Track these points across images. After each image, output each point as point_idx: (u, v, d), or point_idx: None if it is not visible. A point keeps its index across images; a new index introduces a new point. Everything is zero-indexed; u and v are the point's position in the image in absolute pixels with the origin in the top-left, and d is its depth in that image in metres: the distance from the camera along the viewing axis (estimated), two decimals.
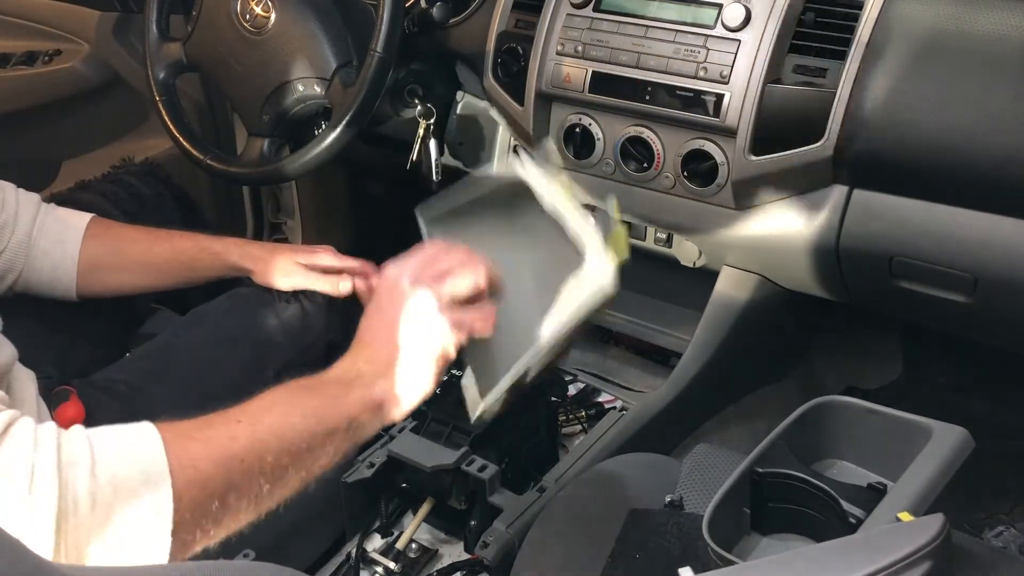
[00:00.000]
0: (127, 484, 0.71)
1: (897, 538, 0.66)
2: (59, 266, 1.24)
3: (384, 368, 0.86)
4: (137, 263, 1.29)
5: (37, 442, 0.70)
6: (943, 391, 1.69)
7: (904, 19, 1.16)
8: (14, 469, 0.68)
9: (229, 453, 0.76)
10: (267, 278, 1.28)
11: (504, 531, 1.10)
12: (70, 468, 0.69)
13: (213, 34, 1.44)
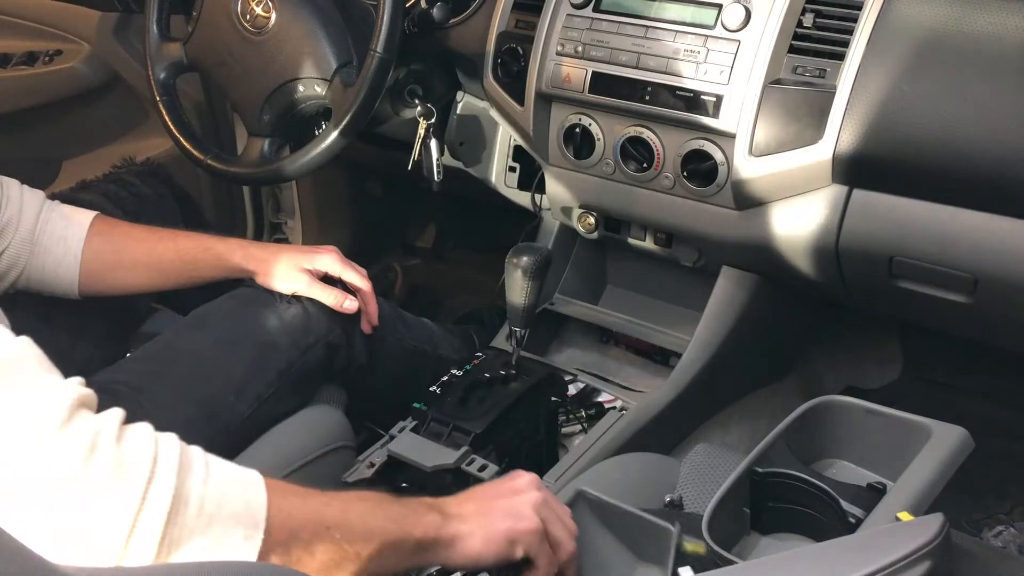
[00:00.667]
0: (230, 505, 0.76)
1: (897, 538, 0.67)
2: (61, 263, 1.24)
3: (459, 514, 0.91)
4: (140, 262, 1.29)
5: (159, 441, 0.76)
6: (943, 391, 1.69)
7: (904, 19, 1.16)
8: (137, 460, 0.73)
9: (318, 518, 0.82)
10: (268, 281, 1.28)
11: None
12: (187, 472, 0.75)
13: (213, 34, 1.44)
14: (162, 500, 0.73)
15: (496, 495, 0.94)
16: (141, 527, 0.71)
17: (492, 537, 0.90)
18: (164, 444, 0.76)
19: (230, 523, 0.76)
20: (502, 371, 1.31)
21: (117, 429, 0.75)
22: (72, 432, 0.73)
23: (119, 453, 0.74)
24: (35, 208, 1.24)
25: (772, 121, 1.23)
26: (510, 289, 1.26)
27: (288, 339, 1.23)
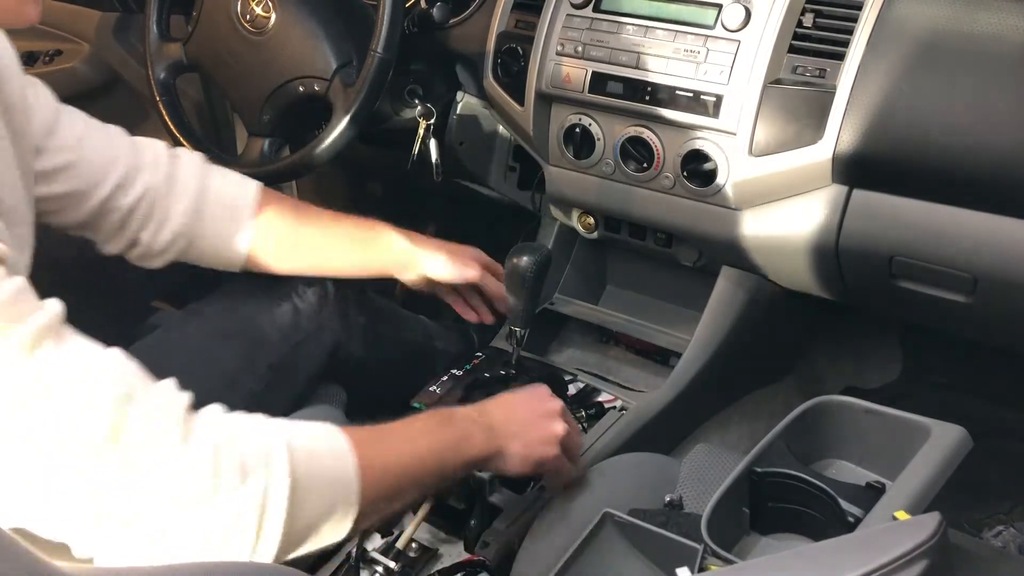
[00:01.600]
0: (329, 476, 0.84)
1: (894, 537, 0.67)
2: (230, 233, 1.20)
3: (504, 433, 1.03)
4: (314, 242, 1.26)
5: (269, 436, 0.82)
6: (943, 391, 1.69)
7: (903, 19, 1.16)
8: (256, 464, 0.79)
9: (399, 465, 0.92)
10: (412, 277, 1.34)
11: (504, 531, 1.10)
12: (296, 459, 0.81)
13: (213, 34, 1.44)
14: (282, 494, 0.79)
15: (532, 421, 1.06)
16: (268, 523, 0.78)
17: (527, 460, 1.04)
18: (273, 437, 0.81)
19: (334, 495, 0.84)
20: (502, 371, 1.31)
21: (229, 433, 0.79)
22: (194, 448, 0.77)
23: (239, 460, 0.78)
24: (197, 173, 1.20)
25: (772, 121, 1.23)
26: (510, 289, 1.26)
27: (278, 334, 1.24)
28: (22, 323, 0.72)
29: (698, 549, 0.90)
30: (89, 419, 0.72)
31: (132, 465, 0.73)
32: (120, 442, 0.73)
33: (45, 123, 1.07)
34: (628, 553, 0.98)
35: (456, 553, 1.15)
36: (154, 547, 0.75)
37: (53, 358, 0.73)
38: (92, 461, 0.72)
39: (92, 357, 0.76)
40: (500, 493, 1.15)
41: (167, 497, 0.74)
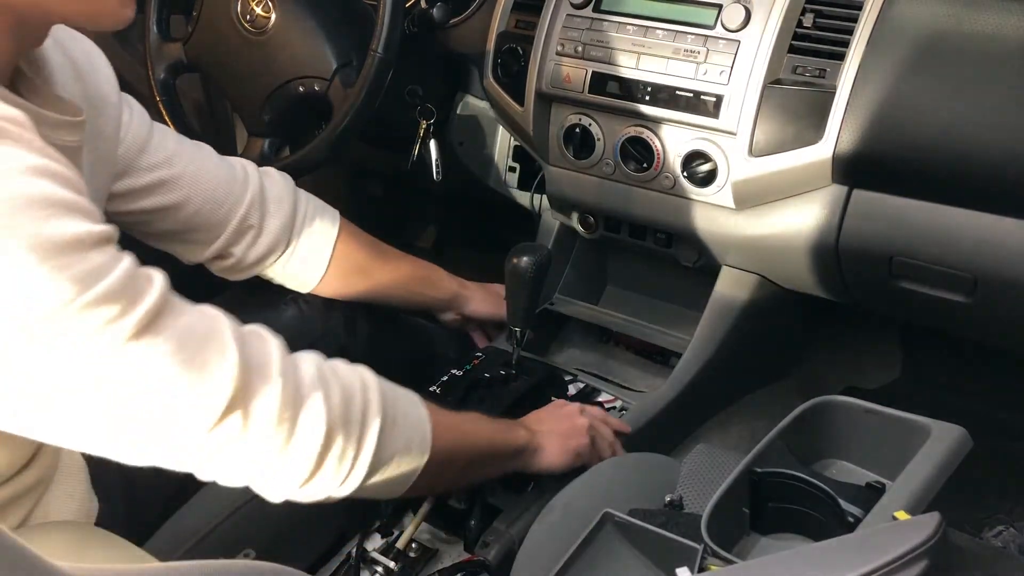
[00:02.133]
0: (409, 421, 0.95)
1: (894, 537, 0.67)
2: (314, 256, 1.26)
3: (539, 431, 1.14)
4: (384, 275, 1.34)
5: (362, 377, 0.92)
6: (943, 391, 1.69)
7: (903, 19, 1.16)
8: (361, 389, 0.91)
9: (463, 434, 1.04)
10: (452, 317, 1.46)
11: (504, 531, 1.10)
12: (387, 400, 0.92)
13: (213, 34, 1.44)
14: (373, 430, 0.89)
15: (560, 417, 1.18)
16: (363, 452, 0.89)
17: (564, 451, 1.14)
18: (367, 383, 0.92)
19: (411, 434, 0.94)
20: (502, 371, 1.31)
21: (330, 372, 0.89)
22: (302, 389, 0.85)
23: (340, 397, 0.87)
24: (291, 194, 1.25)
25: (772, 121, 1.23)
26: (510, 289, 1.27)
27: (284, 336, 1.24)
28: (141, 302, 0.75)
29: (698, 549, 0.90)
30: (217, 374, 0.78)
31: (252, 408, 0.81)
32: (245, 385, 0.80)
33: (137, 141, 1.11)
34: (628, 553, 0.98)
35: (456, 553, 1.15)
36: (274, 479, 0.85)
37: (176, 326, 0.77)
38: (225, 408, 0.79)
39: (202, 318, 0.81)
40: (500, 493, 1.15)
41: (281, 436, 0.82)
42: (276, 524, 1.15)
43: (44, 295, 0.69)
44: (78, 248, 0.72)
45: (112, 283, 0.73)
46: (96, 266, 0.73)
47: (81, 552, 0.86)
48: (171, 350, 0.76)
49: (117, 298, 0.73)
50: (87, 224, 0.74)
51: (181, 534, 1.09)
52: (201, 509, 1.12)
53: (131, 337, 0.73)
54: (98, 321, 0.72)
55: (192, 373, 0.76)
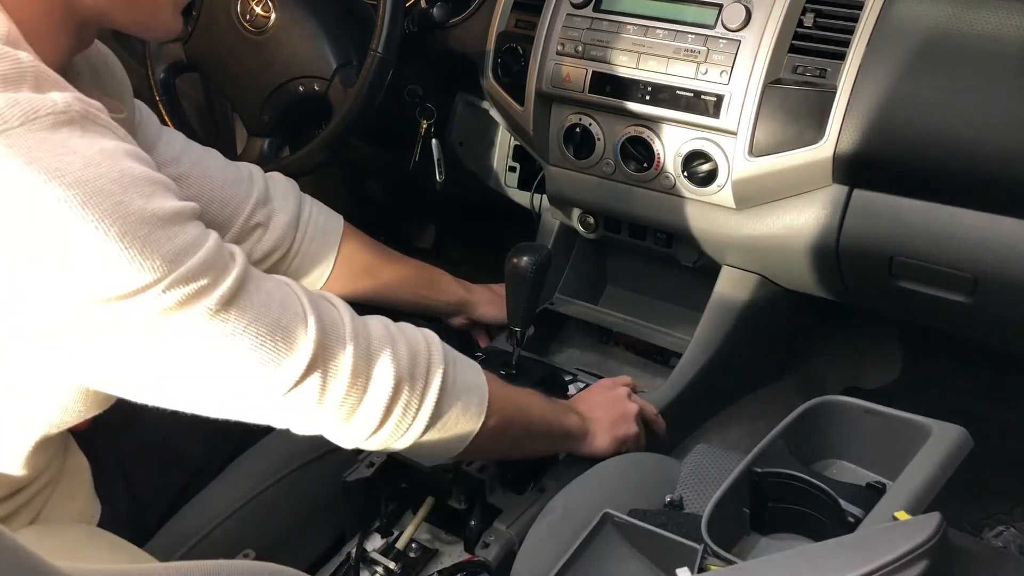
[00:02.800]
0: (468, 382, 0.97)
1: (894, 537, 0.67)
2: (319, 256, 1.28)
3: (592, 417, 1.16)
4: (387, 277, 1.35)
5: (428, 339, 0.95)
6: (943, 391, 1.69)
7: (904, 19, 1.16)
8: (426, 346, 0.94)
9: (519, 406, 1.05)
10: (460, 321, 1.47)
11: (505, 531, 1.10)
12: (449, 360, 0.95)
13: (213, 34, 1.44)
14: (436, 384, 0.92)
15: (611, 403, 1.20)
16: (426, 404, 0.92)
17: (613, 439, 1.17)
18: (431, 341, 0.95)
19: (470, 394, 0.96)
20: (502, 371, 1.31)
21: (397, 332, 0.92)
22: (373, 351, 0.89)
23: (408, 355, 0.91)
24: (295, 194, 1.27)
25: (772, 121, 1.23)
26: (510, 289, 1.26)
27: None
28: (229, 272, 0.80)
29: (698, 549, 0.90)
30: (299, 338, 0.83)
31: (329, 367, 0.85)
32: (322, 347, 0.84)
33: (148, 140, 1.12)
34: (628, 554, 0.98)
35: (456, 553, 1.15)
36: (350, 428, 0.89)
37: (259, 293, 0.82)
38: (305, 369, 0.83)
39: (279, 286, 0.86)
40: (500, 493, 1.15)
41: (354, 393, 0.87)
42: (276, 524, 1.15)
43: (154, 263, 0.74)
44: (178, 220, 0.77)
45: (207, 254, 0.78)
46: (193, 237, 0.78)
47: (81, 552, 0.86)
48: (257, 317, 0.80)
49: (209, 269, 0.78)
50: (181, 201, 0.80)
51: (181, 535, 1.09)
52: (201, 509, 1.12)
53: (221, 307, 0.78)
54: (191, 291, 0.76)
55: (276, 339, 0.81)
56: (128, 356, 0.77)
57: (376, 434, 0.90)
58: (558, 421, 1.12)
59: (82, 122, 0.75)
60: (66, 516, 0.99)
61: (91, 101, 0.78)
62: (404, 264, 1.40)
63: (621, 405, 1.21)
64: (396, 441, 0.92)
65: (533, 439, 1.09)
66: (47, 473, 0.95)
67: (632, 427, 1.19)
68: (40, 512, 0.95)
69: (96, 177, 0.73)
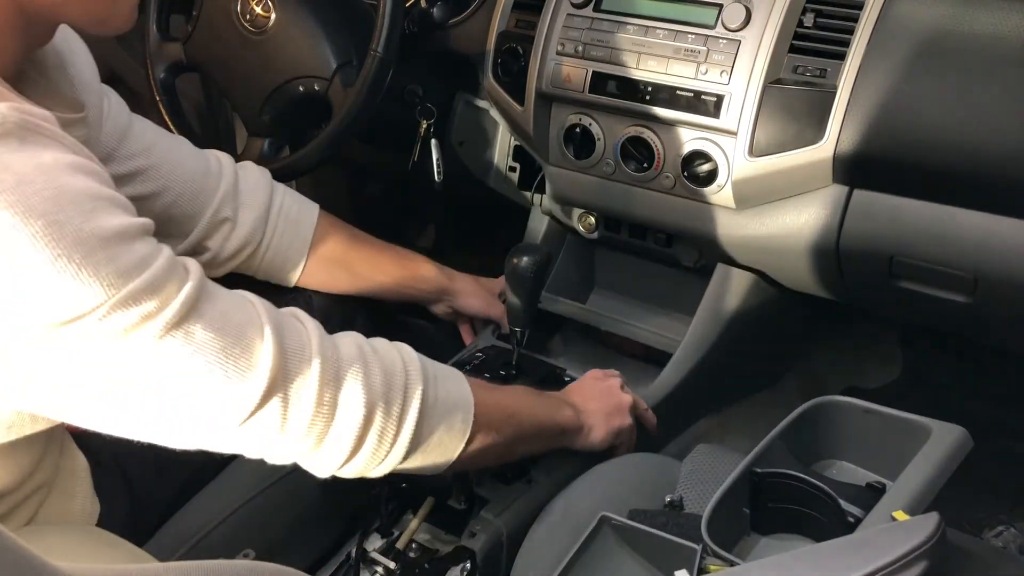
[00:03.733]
0: (452, 398, 0.94)
1: (893, 538, 0.67)
2: (291, 248, 1.26)
3: (586, 410, 1.14)
4: (364, 267, 1.32)
5: (403, 356, 0.92)
6: (943, 391, 1.69)
7: (904, 19, 1.16)
8: (403, 366, 0.90)
9: (502, 406, 1.02)
10: (443, 309, 1.43)
11: (492, 520, 1.09)
12: (428, 379, 0.92)
13: (213, 34, 1.44)
14: (415, 407, 0.89)
15: (605, 394, 1.18)
16: (404, 429, 0.88)
17: (609, 431, 1.15)
18: (408, 359, 0.92)
19: (454, 411, 0.93)
20: (502, 371, 1.31)
21: (370, 351, 0.89)
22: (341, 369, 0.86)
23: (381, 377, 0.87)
24: (266, 186, 1.25)
25: (772, 121, 1.23)
26: (510, 289, 1.26)
27: None
28: (180, 292, 0.76)
29: (696, 549, 0.90)
30: (254, 361, 0.79)
31: (291, 392, 0.82)
32: (283, 369, 0.81)
33: (117, 130, 1.11)
34: (627, 556, 0.98)
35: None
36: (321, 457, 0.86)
37: (213, 314, 0.79)
38: (263, 393, 0.80)
39: (238, 304, 0.83)
40: (488, 483, 1.14)
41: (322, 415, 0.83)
42: (276, 524, 1.15)
43: (89, 289, 0.70)
44: (123, 240, 0.74)
45: (155, 273, 0.74)
46: (140, 257, 0.74)
47: (81, 552, 0.86)
48: (208, 339, 0.77)
49: (158, 289, 0.74)
50: (129, 216, 0.76)
51: (181, 534, 1.09)
52: (201, 509, 1.12)
53: (170, 328, 0.75)
54: (139, 313, 0.73)
55: (229, 361, 0.77)
56: (73, 383, 0.74)
57: (350, 462, 0.87)
58: (551, 419, 1.10)
59: (20, 133, 0.71)
60: (65, 516, 0.99)
61: (33, 110, 0.74)
62: (383, 252, 1.37)
63: (615, 396, 1.18)
64: (375, 468, 0.90)
65: (527, 442, 1.07)
66: (41, 474, 0.94)
67: (627, 419, 1.17)
68: (38, 512, 0.95)
69: (29, 196, 0.69)
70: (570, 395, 1.16)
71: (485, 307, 1.44)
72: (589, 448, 1.14)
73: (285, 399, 0.81)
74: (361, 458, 0.87)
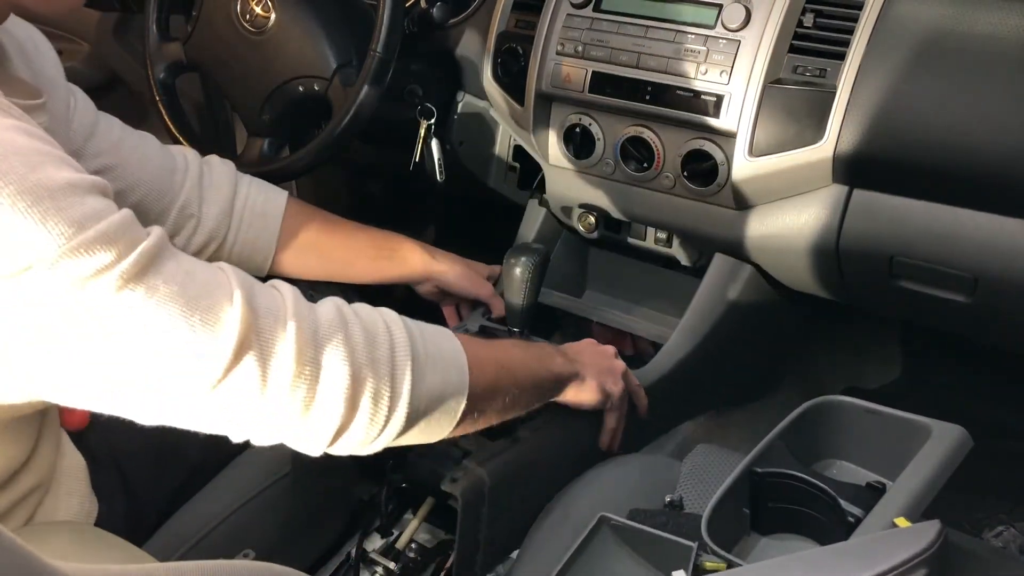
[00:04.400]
0: (443, 352, 0.90)
1: (893, 544, 0.67)
2: (260, 239, 1.25)
3: (579, 361, 1.11)
4: (336, 252, 1.31)
5: (386, 319, 0.87)
6: (943, 391, 1.69)
7: (904, 19, 1.16)
8: (385, 326, 0.86)
9: (496, 359, 0.98)
10: (428, 289, 1.39)
11: (474, 468, 1.07)
12: (413, 335, 0.88)
13: (213, 34, 1.44)
14: (406, 365, 0.84)
15: (600, 355, 1.15)
16: (400, 390, 0.83)
17: (599, 387, 1.11)
18: (390, 319, 0.88)
19: (448, 367, 0.89)
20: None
21: (351, 315, 0.84)
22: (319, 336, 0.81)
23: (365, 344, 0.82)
24: (230, 179, 1.24)
25: (772, 121, 1.23)
26: (508, 288, 1.26)
27: None
28: (138, 245, 0.73)
29: (693, 547, 0.90)
30: (222, 317, 0.75)
31: (266, 352, 0.77)
32: (254, 328, 0.76)
33: (84, 127, 1.11)
34: (626, 556, 0.98)
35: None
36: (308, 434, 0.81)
37: (177, 270, 0.75)
38: (233, 353, 0.75)
39: (205, 267, 0.79)
40: (471, 437, 1.11)
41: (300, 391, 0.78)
42: (276, 524, 1.15)
43: (39, 236, 0.68)
44: (73, 192, 0.71)
45: (109, 225, 0.71)
46: (93, 210, 0.71)
47: (81, 552, 0.86)
48: (171, 293, 0.73)
49: (114, 240, 0.71)
50: (79, 172, 0.73)
51: (181, 534, 1.09)
52: (201, 509, 1.12)
53: (129, 279, 0.71)
54: (94, 263, 0.70)
55: (195, 316, 0.73)
56: (29, 338, 0.70)
57: (346, 433, 0.81)
58: (545, 367, 1.06)
59: None
60: (63, 515, 0.99)
61: None
62: (358, 235, 1.34)
63: (609, 358, 1.16)
64: (375, 437, 0.84)
65: (525, 392, 1.01)
66: (35, 472, 0.94)
67: (619, 382, 1.15)
68: (36, 511, 0.95)
69: None
70: (565, 348, 1.13)
71: (472, 287, 1.39)
72: (578, 403, 1.10)
73: (261, 357, 0.75)
74: (357, 428, 0.81)
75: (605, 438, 1.18)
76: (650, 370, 1.34)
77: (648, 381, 1.30)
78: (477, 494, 1.05)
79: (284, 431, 0.80)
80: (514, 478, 1.09)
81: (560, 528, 1.06)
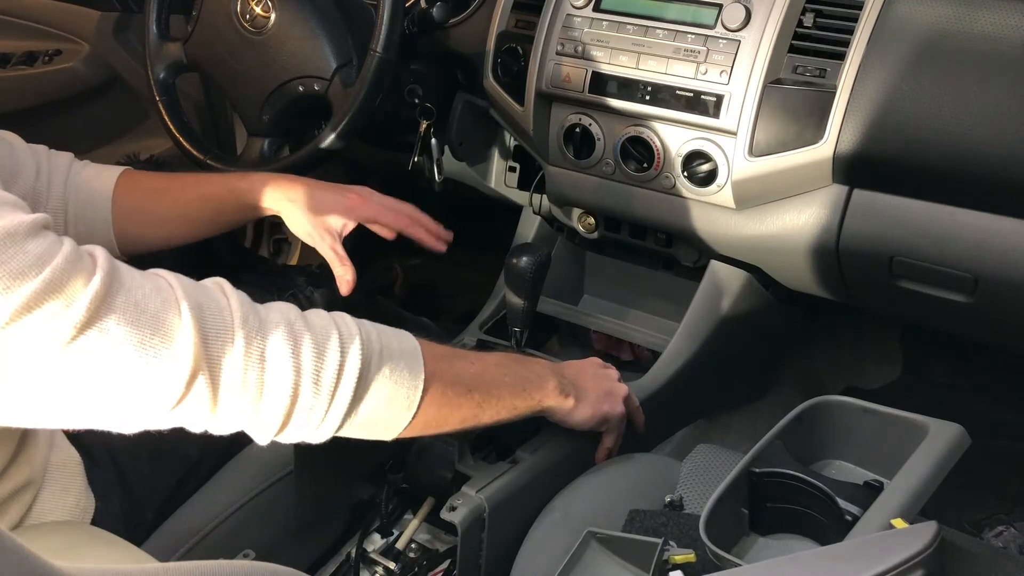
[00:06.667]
0: (397, 350, 0.90)
1: (890, 546, 0.67)
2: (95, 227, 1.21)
3: (578, 386, 1.10)
4: (168, 215, 1.26)
5: (335, 320, 0.88)
6: (943, 391, 1.69)
7: (904, 19, 1.16)
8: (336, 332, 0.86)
9: (462, 378, 0.96)
10: (292, 227, 1.27)
11: (473, 495, 1.07)
12: (366, 336, 0.88)
13: (213, 34, 1.44)
14: (355, 361, 0.85)
15: (602, 377, 1.15)
16: (343, 383, 0.84)
17: (595, 414, 1.11)
18: (343, 323, 0.88)
19: (397, 360, 0.89)
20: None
21: (301, 319, 0.85)
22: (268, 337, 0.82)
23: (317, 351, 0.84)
24: (61, 174, 1.20)
25: (772, 121, 1.23)
26: (510, 289, 1.26)
27: None
28: (87, 288, 0.73)
29: (657, 544, 0.91)
30: (174, 350, 0.76)
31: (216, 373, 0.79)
32: (204, 353, 0.78)
33: None
34: (614, 565, 0.97)
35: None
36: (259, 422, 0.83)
37: (127, 305, 0.75)
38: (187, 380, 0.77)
39: (152, 290, 0.78)
40: (470, 460, 1.13)
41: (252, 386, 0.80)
42: (276, 524, 1.15)
43: None
44: (12, 242, 0.70)
45: (54, 272, 0.71)
46: (35, 257, 0.70)
47: (80, 552, 0.86)
48: (124, 334, 0.73)
49: (61, 287, 0.71)
50: (18, 214, 0.72)
51: (180, 534, 1.09)
52: (200, 509, 1.12)
53: (81, 327, 0.71)
54: (44, 316, 0.69)
55: (149, 353, 0.74)
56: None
57: (284, 432, 0.84)
58: (526, 394, 1.04)
59: None
60: (59, 512, 0.98)
61: None
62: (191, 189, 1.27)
63: (611, 382, 1.16)
64: (312, 436, 0.86)
65: (494, 407, 1.00)
66: (25, 469, 0.94)
67: (618, 406, 1.14)
68: (31, 508, 0.95)
69: None
70: (566, 368, 1.12)
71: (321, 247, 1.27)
72: (572, 426, 1.11)
73: (211, 382, 0.78)
74: (295, 428, 0.84)
75: (600, 456, 1.18)
76: (648, 381, 1.35)
77: (646, 392, 1.31)
78: (476, 521, 1.05)
79: (238, 428, 0.84)
80: (513, 501, 1.10)
81: (560, 528, 1.06)
